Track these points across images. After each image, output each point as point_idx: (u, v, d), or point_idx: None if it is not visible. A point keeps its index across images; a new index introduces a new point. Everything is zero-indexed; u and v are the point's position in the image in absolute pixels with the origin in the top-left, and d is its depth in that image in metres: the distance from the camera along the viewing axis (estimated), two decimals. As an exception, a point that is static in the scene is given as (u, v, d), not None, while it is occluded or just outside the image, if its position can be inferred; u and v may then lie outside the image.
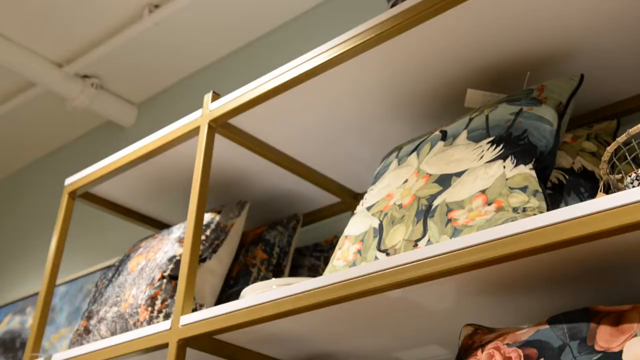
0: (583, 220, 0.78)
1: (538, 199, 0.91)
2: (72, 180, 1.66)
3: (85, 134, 3.01)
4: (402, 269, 0.95)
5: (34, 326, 1.49)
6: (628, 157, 0.83)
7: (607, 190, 0.90)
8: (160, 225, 1.82)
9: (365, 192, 1.21)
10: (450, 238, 0.95)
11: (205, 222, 1.49)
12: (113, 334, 1.39)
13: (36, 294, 2.63)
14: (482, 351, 0.88)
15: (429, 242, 0.98)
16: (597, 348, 0.75)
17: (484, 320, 1.08)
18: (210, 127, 1.40)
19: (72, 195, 1.66)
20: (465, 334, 0.95)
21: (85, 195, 1.69)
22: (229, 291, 1.50)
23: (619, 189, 0.87)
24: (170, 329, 1.23)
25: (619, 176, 0.87)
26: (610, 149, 0.85)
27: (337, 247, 1.16)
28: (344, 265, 1.11)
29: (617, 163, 0.87)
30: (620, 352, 0.73)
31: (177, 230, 1.51)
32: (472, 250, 0.88)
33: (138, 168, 1.60)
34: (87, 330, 1.44)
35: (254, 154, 1.50)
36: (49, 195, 2.98)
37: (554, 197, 1.00)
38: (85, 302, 2.35)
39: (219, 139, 1.45)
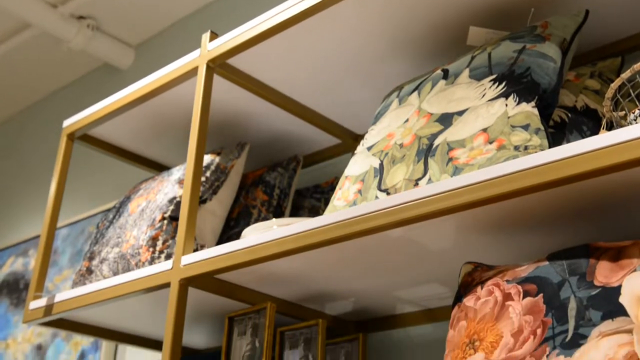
0: (585, 157, 0.78)
1: (540, 137, 0.91)
2: (71, 122, 1.65)
3: (82, 77, 2.98)
4: (403, 207, 0.96)
5: (36, 267, 1.51)
6: (632, 93, 0.82)
7: (610, 128, 0.90)
8: (159, 168, 1.82)
9: (366, 133, 1.21)
10: (451, 177, 0.94)
11: (205, 163, 1.49)
12: (115, 274, 1.40)
13: (38, 236, 2.64)
14: (482, 288, 0.89)
15: (429, 181, 0.98)
16: (596, 283, 0.76)
17: (484, 258, 1.09)
18: (208, 67, 1.39)
19: (71, 137, 1.65)
20: (465, 272, 0.96)
21: (84, 137, 1.68)
22: (229, 232, 1.51)
23: (621, 126, 0.87)
24: (171, 268, 1.24)
25: (622, 113, 0.86)
26: (614, 85, 0.84)
27: (337, 188, 1.16)
28: (345, 205, 1.11)
29: (621, 100, 0.86)
30: (619, 287, 0.73)
31: (176, 172, 1.51)
32: (472, 188, 0.88)
33: (136, 110, 1.59)
34: (89, 271, 1.45)
35: (254, 95, 1.49)
36: (48, 138, 2.97)
37: (556, 136, 0.99)
38: (87, 244, 2.37)
39: (217, 80, 1.44)
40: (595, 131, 1.02)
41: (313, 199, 1.64)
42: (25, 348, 2.45)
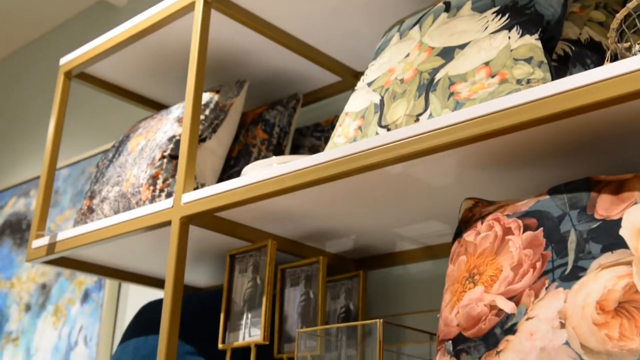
0: (588, 89, 0.77)
1: (543, 70, 0.89)
2: (67, 59, 1.63)
3: (79, 14, 2.93)
4: (403, 143, 0.95)
5: (37, 206, 1.51)
6: (638, 23, 0.80)
7: (614, 61, 0.88)
8: (158, 107, 1.80)
9: (366, 69, 1.19)
10: (452, 112, 0.93)
11: (203, 101, 1.47)
12: (116, 212, 1.40)
13: (39, 176, 2.65)
14: (482, 223, 0.89)
15: (430, 116, 0.97)
16: (596, 216, 0.75)
17: (484, 194, 1.09)
18: (205, 2, 1.36)
19: (68, 75, 1.63)
20: (466, 207, 0.96)
21: (82, 75, 1.66)
22: (229, 171, 1.50)
23: (626, 58, 0.85)
24: (172, 207, 1.24)
25: (627, 45, 0.84)
26: (619, 15, 0.82)
27: (337, 124, 1.15)
28: (345, 142, 1.10)
29: (626, 31, 0.84)
30: (620, 220, 0.73)
31: (175, 110, 1.50)
32: (473, 122, 0.87)
33: (134, 47, 1.56)
34: (90, 210, 1.45)
35: (252, 31, 1.46)
36: (47, 77, 2.94)
37: (559, 70, 0.98)
38: (87, 185, 2.37)
39: (215, 15, 1.41)
40: (599, 64, 1.00)
41: (313, 138, 1.64)
42: (29, 287, 2.48)
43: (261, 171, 1.14)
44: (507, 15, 0.97)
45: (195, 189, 1.33)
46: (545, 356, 0.70)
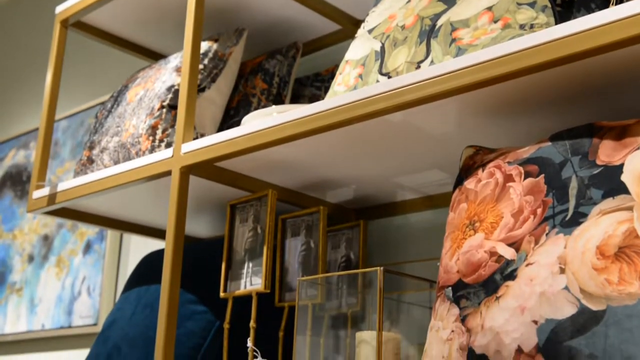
0: (592, 33, 0.75)
1: (547, 15, 0.88)
2: (63, 7, 1.60)
3: (75, -35, 2.87)
4: (403, 90, 0.94)
5: (37, 156, 1.51)
6: (645, -34, 0.78)
7: (619, 4, 0.86)
8: (156, 56, 1.78)
9: (367, 16, 1.17)
10: (454, 58, 0.92)
11: (202, 50, 1.45)
12: (116, 163, 1.40)
13: (38, 128, 2.64)
14: (483, 170, 0.88)
15: (431, 63, 0.96)
16: (598, 162, 0.75)
17: (486, 142, 1.08)
18: (203, -52, 1.33)
19: (64, 24, 1.60)
20: (467, 155, 0.95)
21: (79, 24, 1.64)
22: (229, 121, 1.49)
23: (631, 1, 0.83)
24: (172, 156, 1.24)
25: (633, -12, 0.82)
26: (626, -43, 0.80)
27: (337, 73, 1.14)
28: (345, 90, 1.09)
29: (633, -27, 0.82)
30: (622, 165, 0.73)
31: (174, 60, 1.48)
32: (475, 68, 0.86)
33: (130, -5, 1.54)
34: (90, 160, 1.45)
35: (251, -22, 1.44)
36: (45, 26, 2.90)
37: (563, 15, 0.96)
38: (87, 136, 2.36)
39: (213, -39, 1.38)
40: (604, 9, 0.98)
41: (313, 88, 1.62)
42: (32, 239, 2.50)
43: (261, 120, 1.13)
44: (510, -41, 0.95)
45: (194, 139, 1.32)
46: (544, 301, 0.70)
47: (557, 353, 0.67)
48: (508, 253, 0.77)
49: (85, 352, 2.11)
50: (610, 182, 0.72)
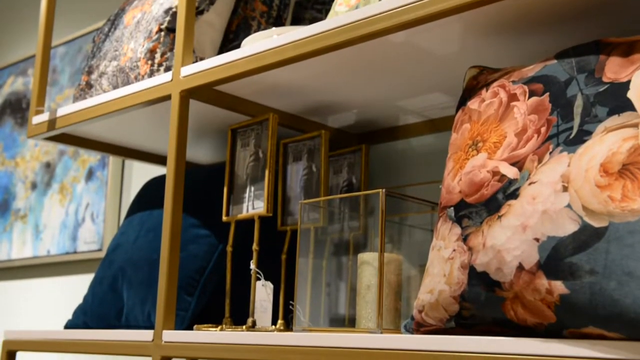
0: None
1: None
2: None
3: None
4: (406, 9, 0.92)
5: (35, 81, 1.49)
6: None
7: None
8: (154, -21, 1.74)
9: None
10: (459, -26, 0.89)
11: (200, -29, 1.41)
12: (115, 88, 1.38)
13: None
14: (487, 90, 0.87)
15: (435, -20, 0.93)
16: (604, 79, 0.74)
17: (490, 64, 1.06)
18: None
19: (58, -55, 1.56)
20: (470, 76, 0.94)
21: (72, -54, 1.59)
22: (229, 45, 1.47)
23: None
24: (171, 80, 1.23)
25: None
26: None
27: (339, -8, 1.11)
28: (346, 10, 1.06)
29: None
30: (628, 82, 0.71)
31: (171, -19, 1.44)
32: (481, -16, 0.84)
33: None
34: (89, 85, 1.43)
35: None
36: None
37: None
38: (85, 61, 2.33)
39: None
40: None
41: (314, 10, 1.58)
42: (34, 166, 2.50)
43: (261, 42, 1.11)
44: None
45: (194, 62, 1.30)
46: (546, 219, 0.70)
47: (558, 269, 0.68)
48: (511, 172, 0.76)
49: (91, 276, 2.14)
50: (616, 99, 0.71)
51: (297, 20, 1.58)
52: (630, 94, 0.70)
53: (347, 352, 0.87)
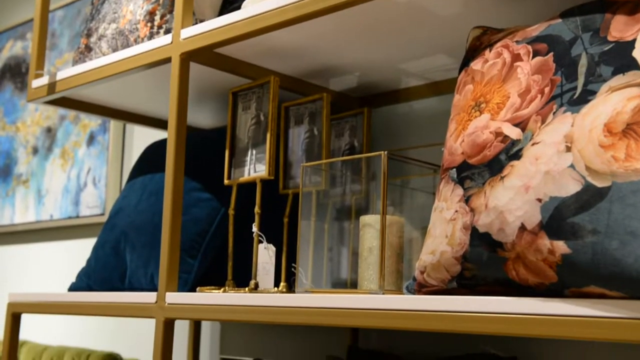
0: None
1: None
2: None
3: None
4: (410, -32, 0.90)
5: (34, 44, 1.47)
6: None
7: None
8: (152, -60, 1.71)
9: None
10: None
11: None
12: (114, 51, 1.37)
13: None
14: (490, 51, 0.86)
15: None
16: (609, 38, 0.73)
17: (494, 24, 1.05)
18: None
19: None
20: (474, 36, 0.93)
21: None
22: (229, 7, 1.45)
23: None
24: (171, 43, 1.22)
25: None
26: None
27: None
28: (348, -30, 1.05)
29: None
30: (634, 41, 0.71)
31: (170, -58, 1.42)
32: (485, -58, 0.82)
33: None
34: (88, 48, 1.42)
35: None
36: None
37: None
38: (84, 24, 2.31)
39: None
40: None
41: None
42: (35, 131, 2.50)
43: (262, 3, 1.09)
44: None
45: (194, 24, 1.29)
46: (549, 179, 0.70)
47: (560, 229, 0.68)
48: (514, 133, 0.76)
49: (93, 241, 2.15)
50: (621, 58, 0.70)
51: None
52: (635, 53, 0.70)
53: (349, 313, 0.88)
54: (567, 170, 0.69)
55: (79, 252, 2.22)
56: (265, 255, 1.17)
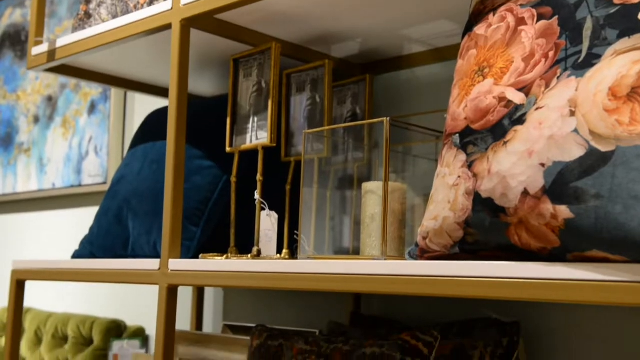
0: None
1: None
2: None
3: None
4: None
5: (33, 10, 1.46)
6: None
7: None
8: None
9: None
10: None
11: None
12: (114, 17, 1.36)
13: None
14: (494, 15, 0.85)
15: None
16: (615, 1, 0.72)
17: (496, -12, 1.04)
18: None
19: None
20: (477, 0, 0.92)
21: None
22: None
23: None
24: (171, 9, 1.20)
25: None
26: None
27: None
28: None
29: None
30: (639, 4, 0.70)
31: None
32: None
33: None
34: (87, 15, 1.41)
35: None
36: None
37: None
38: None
39: None
40: None
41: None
42: (36, 99, 2.49)
43: (263, -32, 1.08)
44: None
45: (194, -10, 1.28)
46: (553, 144, 0.70)
47: (563, 194, 0.67)
48: (517, 98, 0.75)
49: (96, 209, 2.16)
50: (627, 22, 0.69)
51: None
52: (641, 16, 0.69)
53: (352, 279, 0.88)
54: (571, 134, 0.68)
55: (81, 220, 2.23)
56: (267, 222, 1.18)
